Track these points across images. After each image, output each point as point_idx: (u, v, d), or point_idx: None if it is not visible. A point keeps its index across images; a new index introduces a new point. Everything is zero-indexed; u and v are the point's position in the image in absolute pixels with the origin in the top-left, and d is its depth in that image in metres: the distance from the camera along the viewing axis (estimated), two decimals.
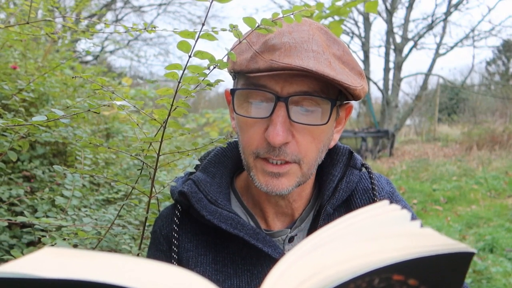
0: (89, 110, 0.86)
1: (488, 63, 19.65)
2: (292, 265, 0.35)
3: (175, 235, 0.81)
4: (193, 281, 0.34)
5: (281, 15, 0.68)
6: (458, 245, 0.34)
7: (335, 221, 0.39)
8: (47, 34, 1.04)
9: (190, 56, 0.70)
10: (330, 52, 0.71)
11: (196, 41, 0.69)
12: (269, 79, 0.68)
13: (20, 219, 0.91)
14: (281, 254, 0.76)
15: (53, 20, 1.10)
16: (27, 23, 1.04)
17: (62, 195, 1.19)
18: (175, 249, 0.80)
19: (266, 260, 0.76)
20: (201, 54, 0.70)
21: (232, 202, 0.85)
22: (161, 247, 0.83)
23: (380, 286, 0.34)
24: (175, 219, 0.82)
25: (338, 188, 0.81)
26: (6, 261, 1.12)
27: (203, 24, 0.68)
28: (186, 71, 0.74)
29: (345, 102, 0.79)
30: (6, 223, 1.00)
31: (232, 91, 0.73)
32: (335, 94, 0.72)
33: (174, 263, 0.79)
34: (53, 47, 2.37)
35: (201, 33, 0.70)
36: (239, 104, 0.72)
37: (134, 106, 0.85)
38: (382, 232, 0.37)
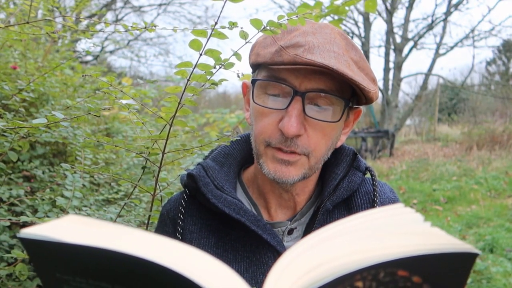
0: (89, 113, 0.87)
1: (488, 63, 19.67)
2: (298, 256, 0.36)
3: (181, 216, 0.84)
4: (199, 255, 0.37)
5: (286, 18, 0.71)
6: (463, 245, 0.35)
7: (343, 219, 0.40)
8: (47, 34, 1.03)
9: (201, 54, 0.72)
10: (349, 55, 0.75)
11: (207, 40, 0.71)
12: (290, 73, 0.72)
13: (23, 219, 0.91)
14: (280, 242, 0.79)
15: (53, 20, 1.09)
16: (27, 22, 1.04)
17: (62, 196, 1.19)
18: (180, 230, 0.84)
19: (265, 248, 0.80)
20: (211, 53, 0.73)
21: (238, 192, 0.88)
22: (167, 229, 0.87)
23: (384, 280, 0.34)
24: (182, 202, 0.85)
25: (339, 187, 0.83)
26: (6, 260, 1.12)
27: (215, 23, 0.70)
28: (193, 70, 0.76)
29: (355, 106, 0.83)
30: (8, 223, 1.00)
31: (253, 81, 0.77)
32: (349, 95, 0.76)
33: None
34: (53, 47, 2.37)
35: (212, 32, 0.72)
36: (257, 94, 0.77)
37: (142, 104, 0.86)
38: (390, 230, 0.38)
